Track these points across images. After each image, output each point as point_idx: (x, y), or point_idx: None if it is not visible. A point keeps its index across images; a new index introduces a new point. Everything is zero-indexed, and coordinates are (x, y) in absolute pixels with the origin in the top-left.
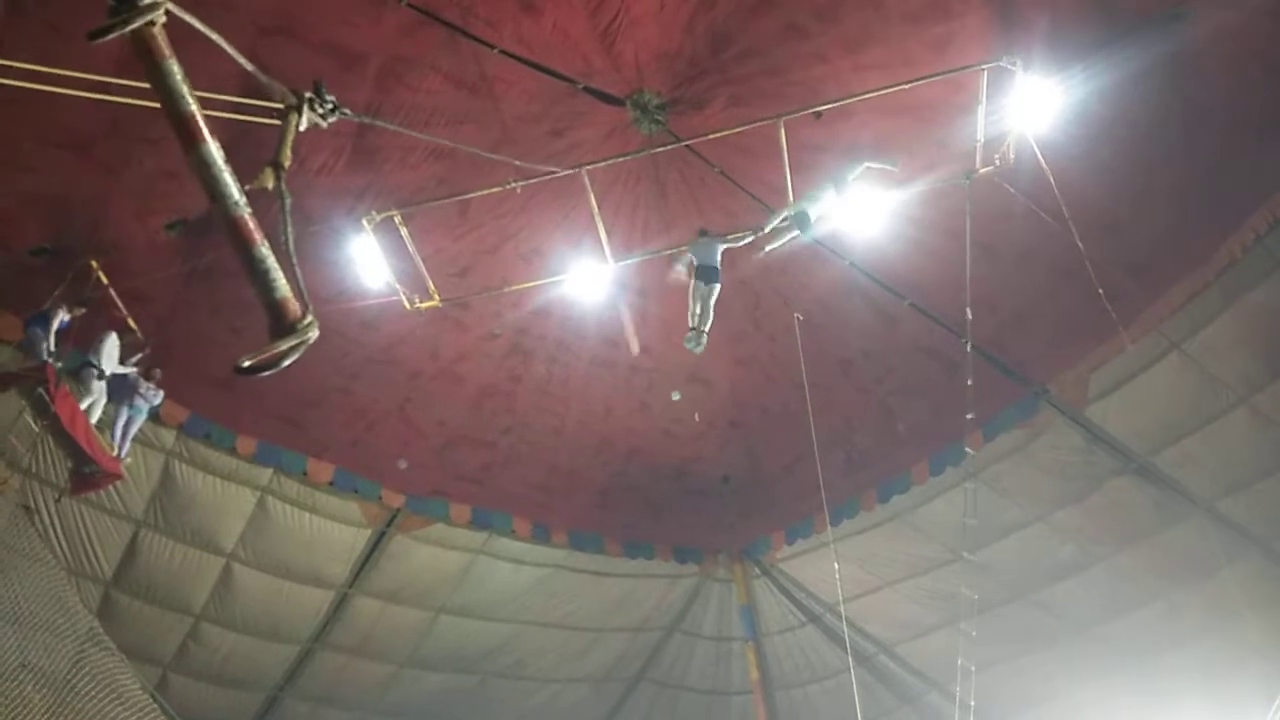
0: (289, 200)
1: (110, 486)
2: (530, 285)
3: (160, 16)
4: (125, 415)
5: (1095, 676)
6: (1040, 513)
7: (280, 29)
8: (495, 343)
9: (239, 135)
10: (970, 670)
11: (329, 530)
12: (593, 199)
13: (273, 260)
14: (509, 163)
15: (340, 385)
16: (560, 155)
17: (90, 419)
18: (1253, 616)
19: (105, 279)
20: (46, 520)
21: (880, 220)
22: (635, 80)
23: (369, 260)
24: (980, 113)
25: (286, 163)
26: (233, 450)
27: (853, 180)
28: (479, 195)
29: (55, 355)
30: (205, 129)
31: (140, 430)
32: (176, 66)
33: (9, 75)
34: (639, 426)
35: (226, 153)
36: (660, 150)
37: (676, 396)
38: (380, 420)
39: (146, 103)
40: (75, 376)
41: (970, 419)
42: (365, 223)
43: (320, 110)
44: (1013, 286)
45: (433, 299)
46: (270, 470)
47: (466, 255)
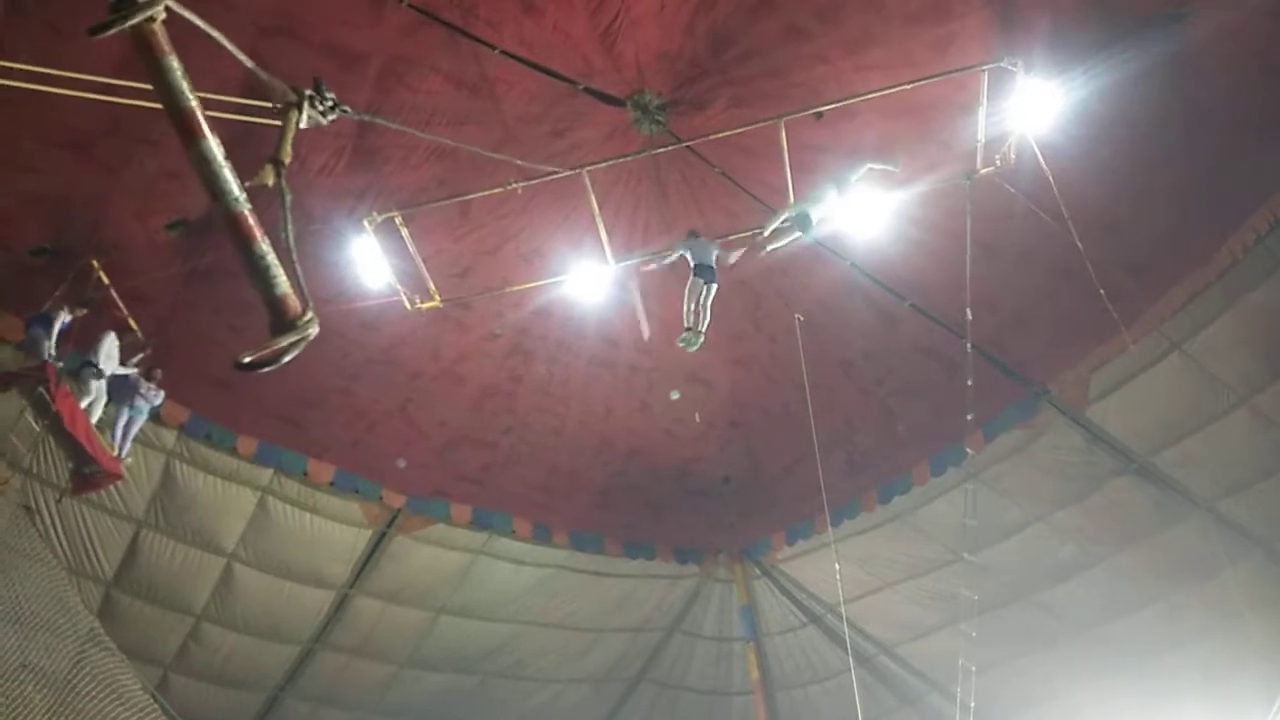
0: (289, 197)
1: (111, 487)
2: (531, 286)
3: (160, 13)
4: (126, 415)
5: (1096, 677)
6: (1041, 513)
7: (280, 29)
8: (496, 343)
9: (240, 135)
10: (971, 671)
11: (330, 530)
12: (594, 200)
13: (273, 257)
14: (511, 162)
15: (341, 386)
16: (561, 156)
17: (90, 419)
18: (1253, 617)
19: (106, 279)
20: (47, 520)
21: (881, 221)
22: (636, 81)
23: (370, 261)
24: (981, 113)
25: (287, 159)
26: (233, 450)
27: (855, 181)
28: (480, 196)
29: (56, 355)
30: (205, 125)
31: (141, 430)
32: (176, 63)
33: (10, 76)
34: (639, 427)
35: (227, 151)
36: (661, 151)
37: (676, 395)
38: (381, 421)
39: (147, 103)
40: (75, 376)
41: (971, 419)
42: (366, 223)
43: (320, 108)
44: (1013, 287)
45: (433, 299)
46: (271, 470)
47: (467, 256)
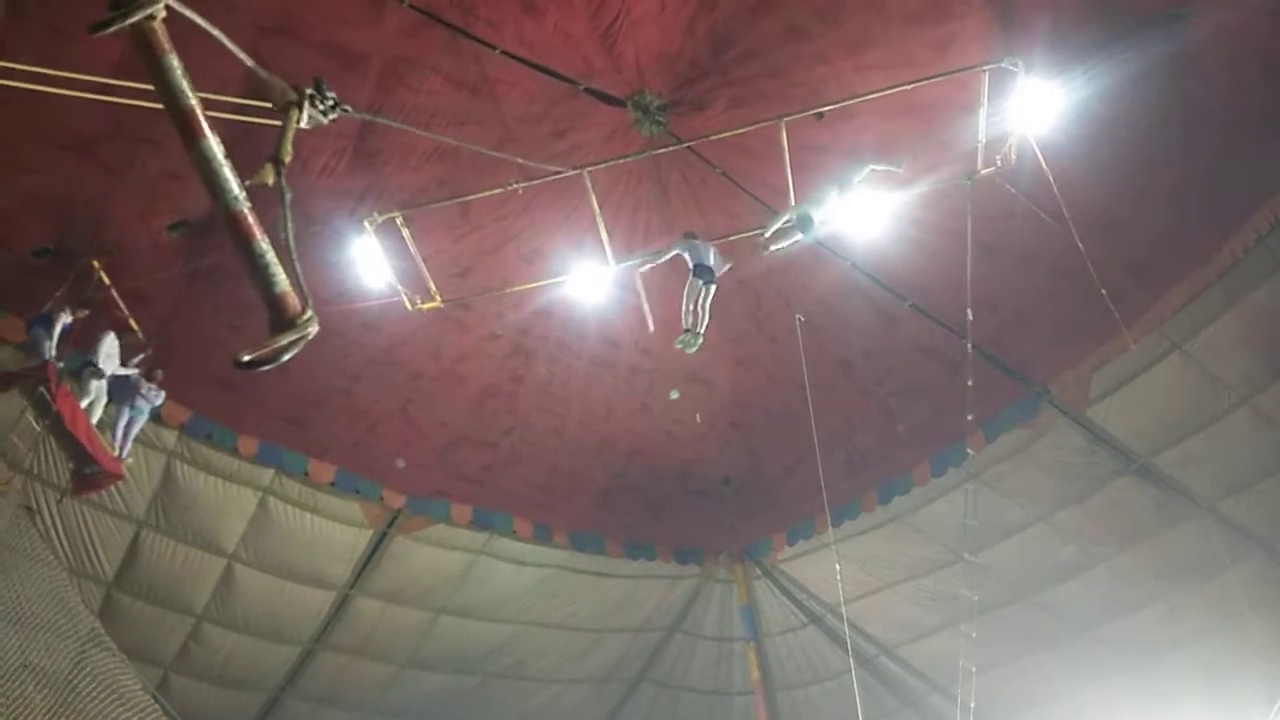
0: (289, 195)
1: (112, 487)
2: (532, 286)
3: (160, 11)
4: (127, 416)
5: (1096, 677)
6: (1041, 513)
7: (281, 29)
8: (497, 343)
9: (240, 135)
10: (971, 672)
11: (330, 531)
12: (594, 200)
13: (272, 255)
14: (512, 161)
15: (342, 386)
16: (561, 156)
17: (90, 419)
18: (1254, 618)
19: (107, 280)
20: (48, 521)
21: (882, 221)
22: (636, 81)
23: (370, 261)
24: (981, 114)
25: (287, 158)
26: (234, 451)
27: (857, 183)
28: (480, 197)
29: (57, 356)
30: (205, 124)
31: (142, 431)
32: (176, 61)
33: (11, 76)
34: (640, 427)
35: (227, 151)
36: (662, 152)
37: (675, 395)
38: (382, 421)
39: (148, 103)
40: (75, 377)
41: (971, 419)
42: (367, 224)
43: (321, 107)
44: (1014, 287)
45: (434, 300)
46: (272, 471)
47: (468, 256)
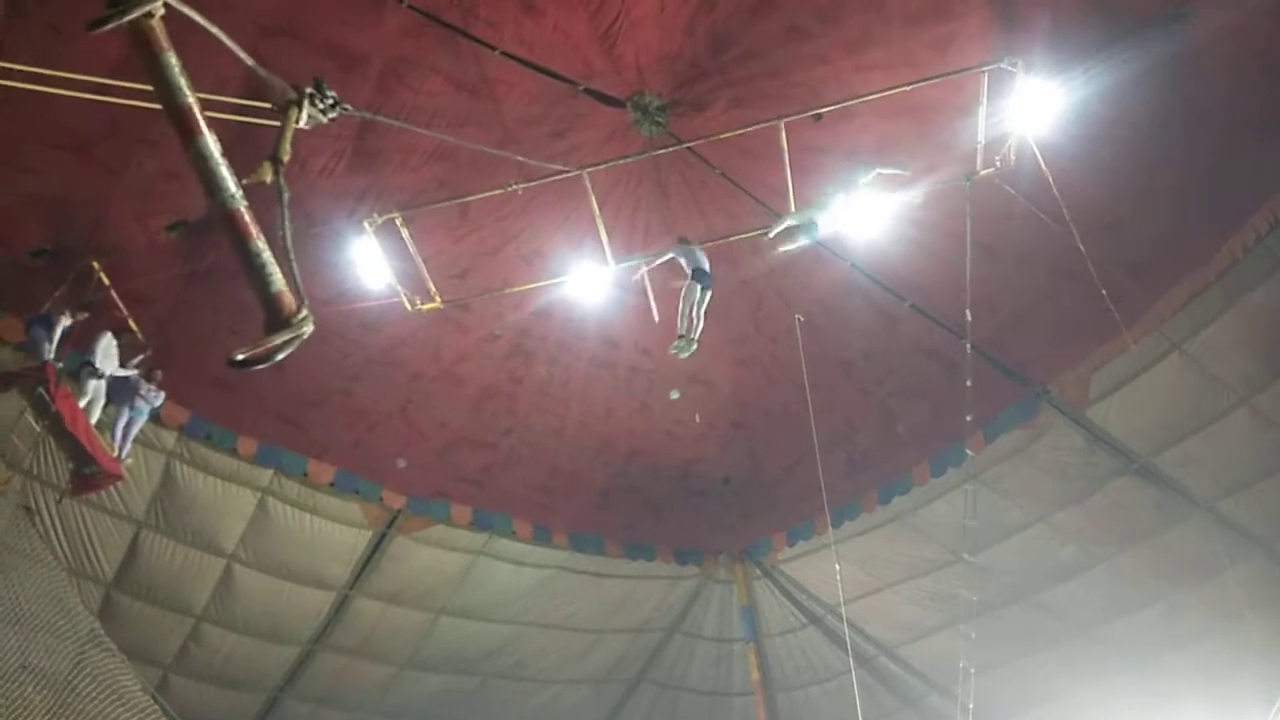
0: (287, 195)
1: (111, 487)
2: (531, 287)
3: (159, 9)
4: (126, 416)
5: (1096, 678)
6: (1041, 514)
7: (281, 29)
8: (496, 344)
9: (240, 135)
10: (970, 672)
11: (330, 531)
12: (594, 201)
13: (269, 254)
14: (512, 159)
15: (342, 386)
16: (561, 157)
17: (89, 419)
18: (1254, 618)
19: (106, 280)
20: (47, 521)
21: (881, 222)
22: (636, 82)
23: (370, 262)
24: (981, 114)
25: (285, 157)
26: (233, 451)
27: (862, 185)
28: (480, 198)
29: (56, 356)
30: (202, 122)
31: (141, 431)
32: (174, 59)
33: (9, 76)
34: (640, 427)
35: (227, 152)
36: (661, 152)
37: (675, 395)
38: (382, 421)
39: (146, 104)
40: (74, 377)
41: (971, 420)
42: (366, 225)
43: (321, 106)
44: (1013, 287)
45: (434, 300)
46: (271, 471)
47: (467, 257)
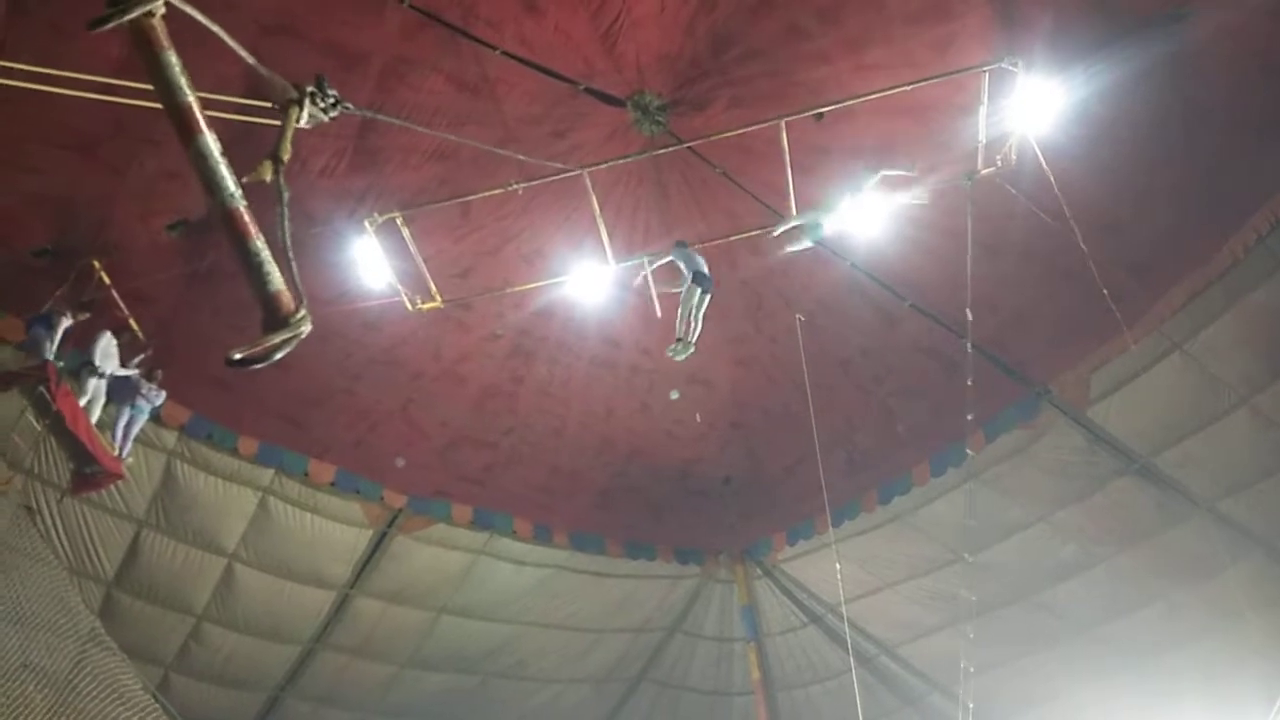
0: (287, 194)
1: (112, 486)
2: (532, 286)
3: (159, 8)
4: (127, 415)
5: (1096, 677)
6: (1042, 513)
7: (282, 27)
8: (497, 344)
9: (240, 135)
10: (970, 671)
11: (330, 531)
12: (594, 201)
13: (267, 254)
14: (513, 159)
15: (343, 386)
16: (562, 156)
17: (89, 418)
18: (1254, 617)
19: (107, 280)
20: (48, 520)
21: (882, 221)
22: (636, 81)
23: (371, 262)
24: (982, 114)
25: (286, 156)
26: (234, 451)
27: (869, 188)
28: (481, 197)
29: (56, 355)
30: (202, 121)
31: (142, 431)
32: (175, 58)
33: (11, 76)
34: (640, 427)
35: (228, 151)
36: (662, 152)
37: (675, 395)
38: (383, 421)
39: (148, 103)
40: (75, 376)
41: (971, 419)
42: (367, 224)
43: (322, 105)
44: (1014, 286)
45: (435, 300)
46: (272, 471)
47: (468, 256)
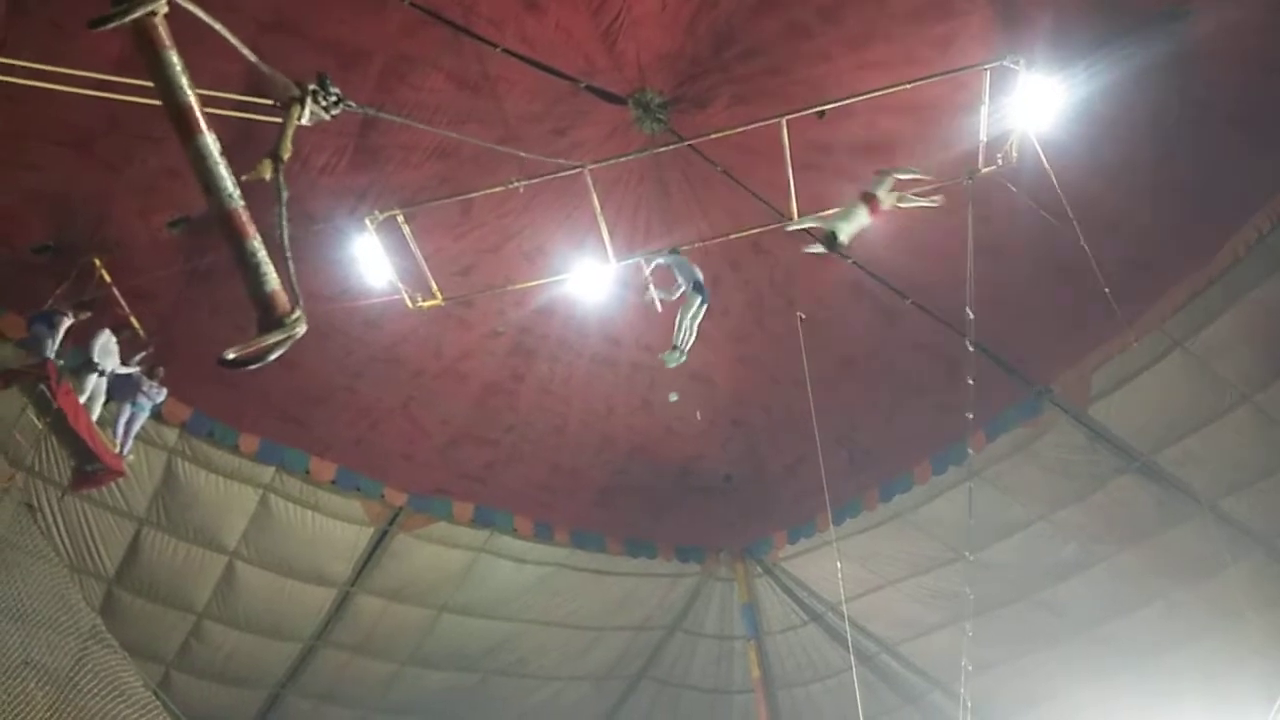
0: (286, 193)
1: (112, 484)
2: (533, 284)
3: (162, 7)
4: (128, 412)
5: (1096, 676)
6: (1042, 512)
7: (282, 25)
8: (498, 341)
9: (242, 133)
10: (970, 670)
11: (331, 528)
12: (595, 198)
13: (264, 254)
14: (514, 156)
15: (344, 384)
16: (563, 154)
17: (90, 415)
18: (1254, 616)
19: (108, 277)
20: (49, 518)
21: (883, 220)
22: (637, 79)
23: (372, 259)
24: (983, 112)
25: (286, 155)
26: (235, 448)
27: (885, 194)
28: (482, 195)
29: (57, 353)
30: (202, 121)
31: (143, 428)
32: (176, 58)
33: (12, 73)
34: (641, 425)
35: (228, 152)
36: (663, 150)
37: (674, 398)
38: (384, 418)
39: (148, 100)
40: (75, 374)
41: (972, 418)
42: (368, 222)
43: (324, 102)
44: (1015, 285)
45: (435, 298)
46: (273, 468)
47: (469, 254)
